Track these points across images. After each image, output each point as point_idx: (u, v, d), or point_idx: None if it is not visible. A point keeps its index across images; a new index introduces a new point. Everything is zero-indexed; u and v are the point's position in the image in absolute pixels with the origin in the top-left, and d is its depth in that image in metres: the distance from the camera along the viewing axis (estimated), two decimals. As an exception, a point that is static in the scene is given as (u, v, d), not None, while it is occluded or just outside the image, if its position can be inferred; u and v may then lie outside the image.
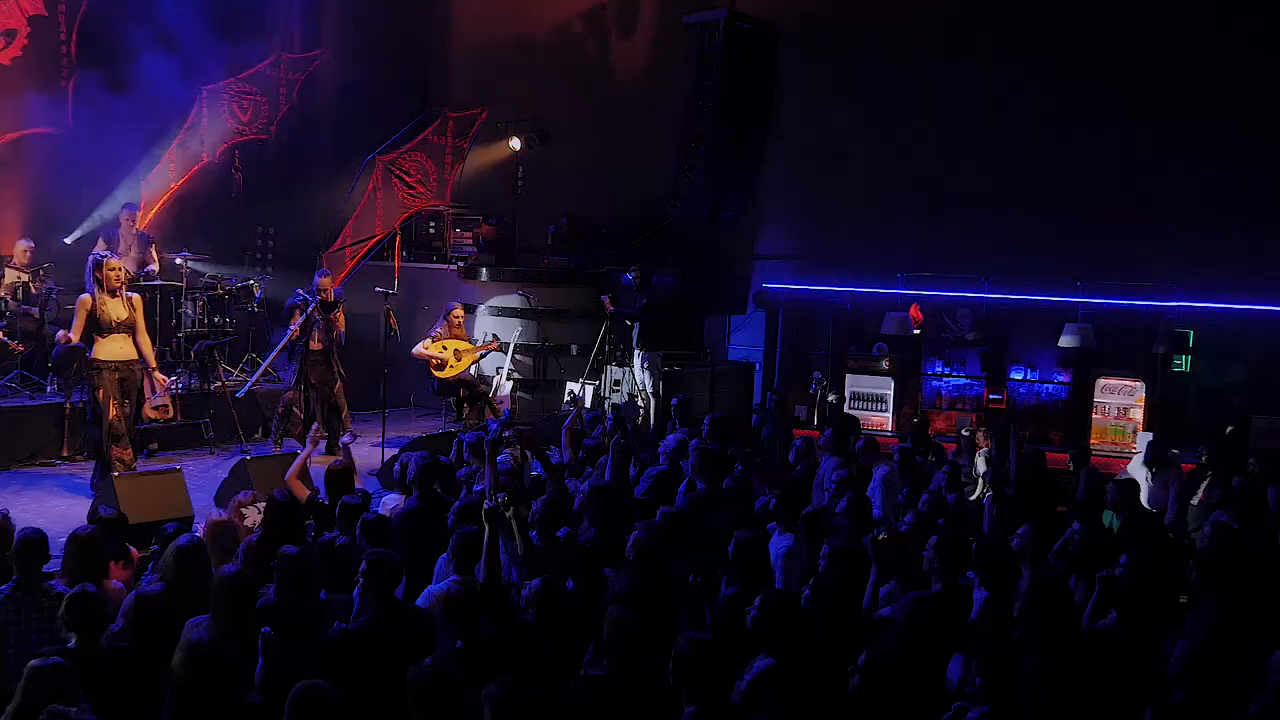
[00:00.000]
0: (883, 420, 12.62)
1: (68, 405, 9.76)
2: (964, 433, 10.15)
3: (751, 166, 12.27)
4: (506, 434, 7.28)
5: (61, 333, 8.47)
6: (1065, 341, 11.10)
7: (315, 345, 9.96)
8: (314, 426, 7.88)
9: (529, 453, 8.57)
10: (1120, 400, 11.66)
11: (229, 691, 4.04)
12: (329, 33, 14.48)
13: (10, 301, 10.33)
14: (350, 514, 5.96)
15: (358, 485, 7.07)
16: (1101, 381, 11.68)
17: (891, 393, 12.64)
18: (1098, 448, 11.54)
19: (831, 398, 11.09)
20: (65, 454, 9.74)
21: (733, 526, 5.96)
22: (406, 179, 12.93)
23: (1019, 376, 12.31)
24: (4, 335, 8.55)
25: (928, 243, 12.29)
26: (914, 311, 12.26)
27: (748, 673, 4.07)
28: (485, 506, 5.04)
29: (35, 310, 10.43)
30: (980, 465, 9.41)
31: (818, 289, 12.92)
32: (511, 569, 5.49)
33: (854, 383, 12.76)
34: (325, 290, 10.02)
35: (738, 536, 5.54)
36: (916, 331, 12.19)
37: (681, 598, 5.39)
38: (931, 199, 12.49)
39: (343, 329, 10.28)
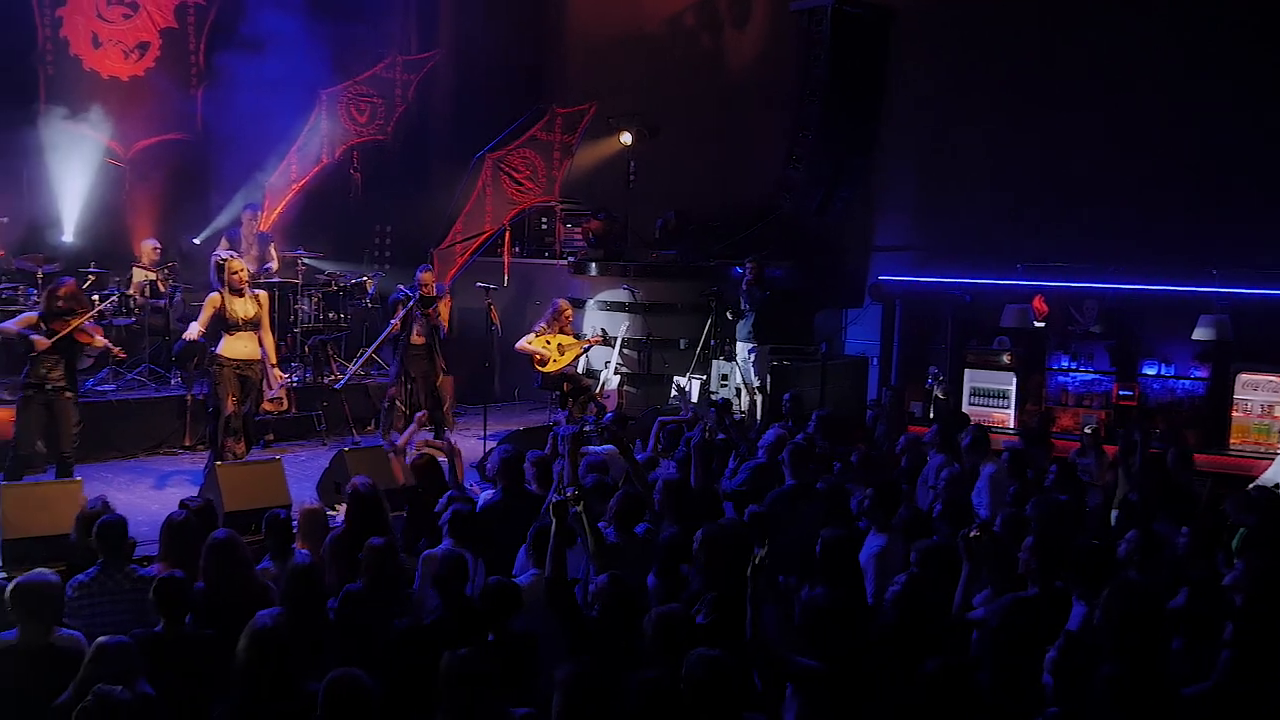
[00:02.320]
0: (1004, 417, 12.10)
1: (189, 397, 10.18)
2: (1086, 430, 9.60)
3: (862, 155, 11.92)
4: (587, 429, 7.21)
5: (193, 326, 8.81)
6: (1200, 334, 10.40)
7: (417, 340, 10.10)
8: (419, 415, 7.98)
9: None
10: (1264, 397, 10.85)
11: (292, 676, 4.07)
12: (444, 34, 14.74)
13: (139, 299, 10.84)
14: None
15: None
16: (1243, 377, 10.88)
17: (1014, 388, 12.11)
18: (1238, 447, 10.84)
19: (939, 394, 10.65)
20: (188, 444, 10.15)
21: (823, 525, 5.76)
22: (515, 175, 13.05)
23: (1151, 371, 11.61)
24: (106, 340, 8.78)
25: (1050, 230, 11.69)
26: (1038, 303, 11.72)
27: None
28: (553, 500, 5.00)
29: (163, 303, 10.92)
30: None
31: (935, 280, 12.46)
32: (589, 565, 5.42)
33: (973, 378, 12.26)
34: (426, 285, 10.15)
35: (824, 535, 5.34)
36: (1040, 324, 11.64)
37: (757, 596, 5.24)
38: (1054, 185, 11.85)
39: (445, 323, 10.41)
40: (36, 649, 4.40)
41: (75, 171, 11.65)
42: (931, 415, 11.43)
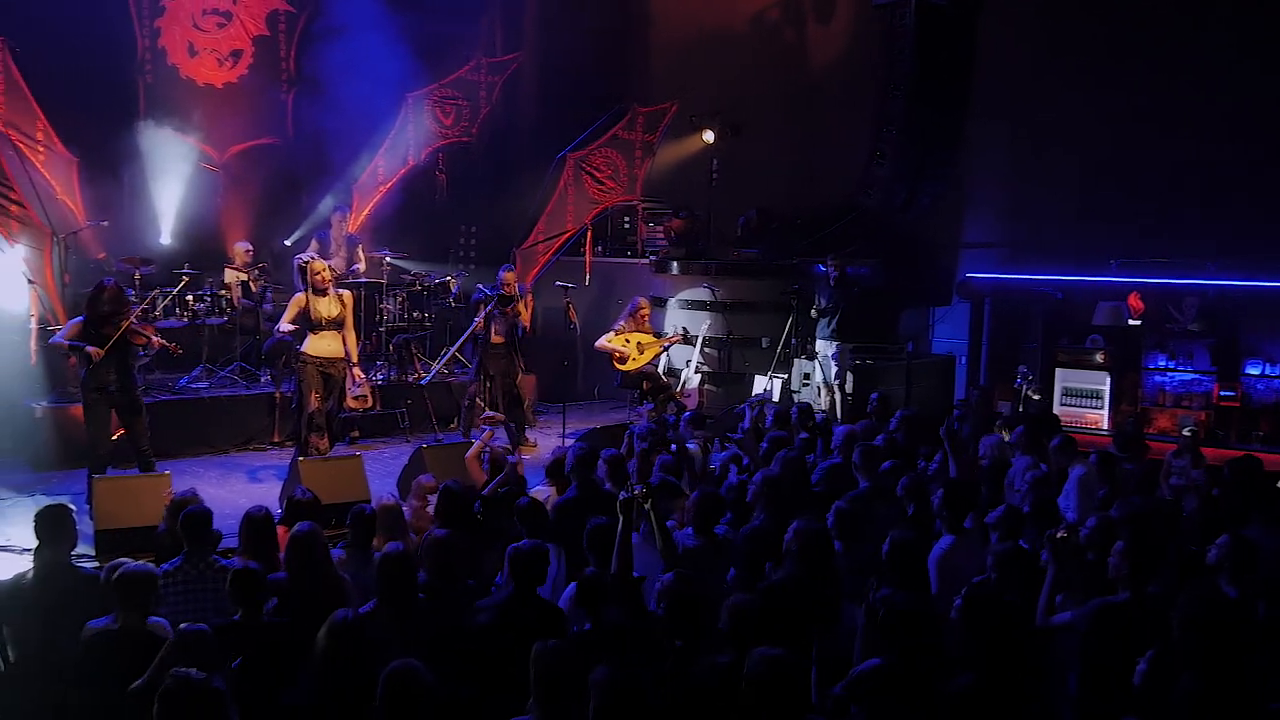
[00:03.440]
0: (1097, 418, 11.72)
1: (278, 395, 10.44)
2: (1184, 433, 9.24)
3: (948, 150, 11.65)
4: (653, 428, 7.19)
5: (283, 326, 9.01)
6: (1307, 332, 9.95)
7: (496, 339, 10.20)
8: (487, 413, 8.06)
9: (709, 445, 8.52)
10: (1378, 398, 10.33)
11: (370, 664, 4.13)
12: (528, 34, 14.86)
13: (232, 299, 11.15)
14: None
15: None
16: (1355, 377, 10.39)
17: (1107, 388, 11.72)
18: (1349, 450, 10.32)
19: (1033, 394, 10.34)
20: (276, 439, 10.40)
21: (896, 526, 5.65)
22: (597, 175, 13.11)
23: (1255, 371, 11.12)
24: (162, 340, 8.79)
25: (1146, 226, 11.25)
26: (1134, 300, 11.32)
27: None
28: (621, 497, 4.99)
29: (252, 303, 11.22)
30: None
31: (1025, 277, 12.13)
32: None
33: (1065, 377, 11.89)
34: (508, 285, 10.24)
35: (893, 536, 5.23)
36: (1136, 322, 11.24)
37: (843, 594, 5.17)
38: (1149, 178, 11.40)
39: (526, 323, 10.49)
40: (134, 634, 4.56)
41: (172, 176, 12.06)
42: (1020, 414, 11.13)
